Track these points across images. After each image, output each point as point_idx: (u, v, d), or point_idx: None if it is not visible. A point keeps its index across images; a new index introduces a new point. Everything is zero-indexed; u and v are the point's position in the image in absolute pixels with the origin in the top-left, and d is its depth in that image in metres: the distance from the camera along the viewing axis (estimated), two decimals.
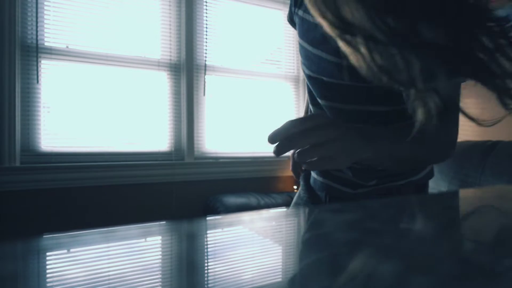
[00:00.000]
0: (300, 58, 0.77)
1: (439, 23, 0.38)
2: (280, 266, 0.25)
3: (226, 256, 0.26)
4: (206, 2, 2.35)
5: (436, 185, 1.62)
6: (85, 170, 1.98)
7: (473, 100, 1.87)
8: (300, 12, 0.74)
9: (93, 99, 2.07)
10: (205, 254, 0.26)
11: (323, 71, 0.69)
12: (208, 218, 0.35)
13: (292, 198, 2.27)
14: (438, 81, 0.40)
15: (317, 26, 0.63)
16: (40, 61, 1.93)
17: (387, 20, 0.38)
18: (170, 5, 2.26)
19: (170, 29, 2.26)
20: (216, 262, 0.24)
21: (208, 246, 0.28)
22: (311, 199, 0.83)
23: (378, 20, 0.38)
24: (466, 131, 1.84)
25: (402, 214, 0.40)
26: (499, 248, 0.27)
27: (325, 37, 0.58)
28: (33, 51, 1.90)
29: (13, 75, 1.83)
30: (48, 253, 0.26)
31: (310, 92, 0.77)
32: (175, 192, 2.22)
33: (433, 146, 0.64)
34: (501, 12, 1.69)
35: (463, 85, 0.59)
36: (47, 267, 0.24)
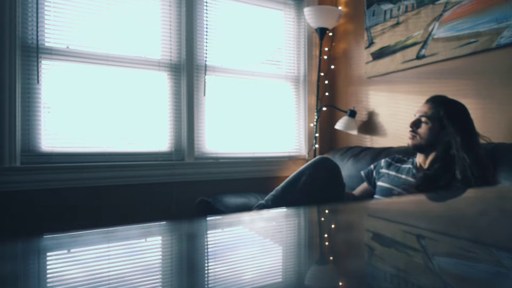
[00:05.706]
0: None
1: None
2: (280, 266, 0.25)
3: (226, 256, 0.25)
4: (206, 2, 2.35)
5: None
6: (85, 170, 1.98)
7: (474, 100, 1.86)
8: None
9: (93, 100, 2.07)
10: (205, 254, 0.26)
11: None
12: (208, 218, 0.35)
13: None
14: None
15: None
16: (41, 62, 1.93)
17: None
18: (170, 5, 2.26)
19: (170, 29, 2.26)
20: (216, 262, 0.24)
21: (208, 246, 0.28)
22: None
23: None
24: None
25: (403, 214, 0.40)
26: (499, 248, 0.27)
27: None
28: (33, 52, 1.90)
29: (14, 75, 1.83)
30: (48, 253, 0.26)
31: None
32: (175, 192, 2.21)
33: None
34: (496, 13, 1.68)
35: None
36: (47, 267, 0.24)
